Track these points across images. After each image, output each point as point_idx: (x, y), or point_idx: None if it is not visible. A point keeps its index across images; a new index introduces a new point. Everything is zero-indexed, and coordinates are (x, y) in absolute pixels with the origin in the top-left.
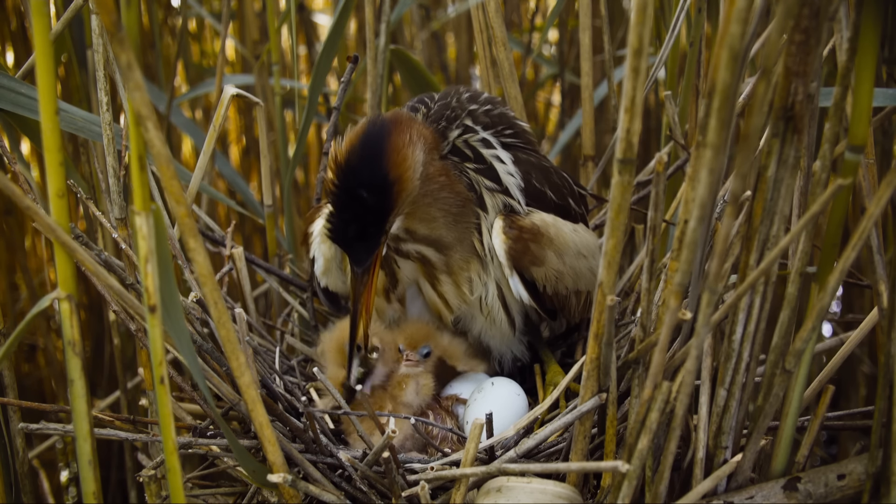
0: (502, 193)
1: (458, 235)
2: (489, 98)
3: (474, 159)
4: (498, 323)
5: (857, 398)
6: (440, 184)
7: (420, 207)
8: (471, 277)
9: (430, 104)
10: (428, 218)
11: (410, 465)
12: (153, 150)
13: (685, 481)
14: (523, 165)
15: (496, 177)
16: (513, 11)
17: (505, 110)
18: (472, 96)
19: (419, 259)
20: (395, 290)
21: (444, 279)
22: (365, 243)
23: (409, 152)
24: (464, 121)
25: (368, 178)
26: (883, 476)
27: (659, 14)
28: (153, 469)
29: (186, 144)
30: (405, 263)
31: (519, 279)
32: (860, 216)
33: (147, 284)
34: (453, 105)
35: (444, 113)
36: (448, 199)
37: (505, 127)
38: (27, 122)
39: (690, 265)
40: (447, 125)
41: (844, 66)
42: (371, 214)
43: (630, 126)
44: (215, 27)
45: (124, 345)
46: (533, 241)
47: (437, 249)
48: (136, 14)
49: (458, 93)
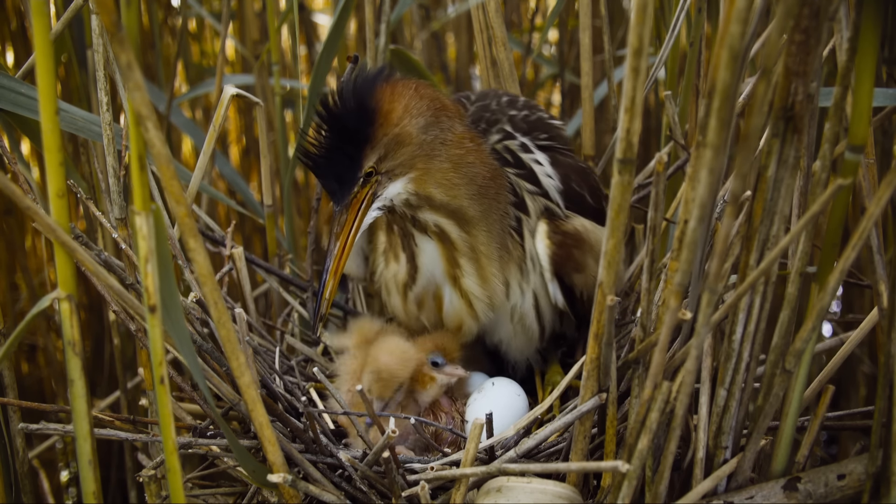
0: (542, 196)
1: (484, 210)
2: (526, 103)
3: (514, 164)
4: (528, 331)
5: (857, 398)
6: (466, 149)
7: (437, 170)
8: (506, 278)
9: (467, 105)
10: (446, 183)
11: (410, 465)
12: (153, 150)
13: (685, 481)
14: (561, 167)
15: (536, 180)
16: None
17: (542, 115)
18: (510, 101)
19: (438, 235)
20: (411, 289)
21: (468, 268)
22: (341, 177)
23: (403, 94)
24: (503, 126)
25: (351, 103)
26: (883, 476)
27: (659, 14)
28: (153, 469)
29: (186, 144)
30: (425, 243)
31: (558, 285)
32: (860, 216)
33: (147, 284)
34: (493, 108)
35: (483, 115)
36: (473, 167)
37: (541, 132)
38: (27, 122)
39: (690, 265)
40: (487, 128)
41: (844, 66)
42: (349, 144)
43: (630, 126)
44: (215, 27)
45: (124, 345)
46: (576, 248)
47: (457, 223)
48: (136, 14)
49: (498, 96)
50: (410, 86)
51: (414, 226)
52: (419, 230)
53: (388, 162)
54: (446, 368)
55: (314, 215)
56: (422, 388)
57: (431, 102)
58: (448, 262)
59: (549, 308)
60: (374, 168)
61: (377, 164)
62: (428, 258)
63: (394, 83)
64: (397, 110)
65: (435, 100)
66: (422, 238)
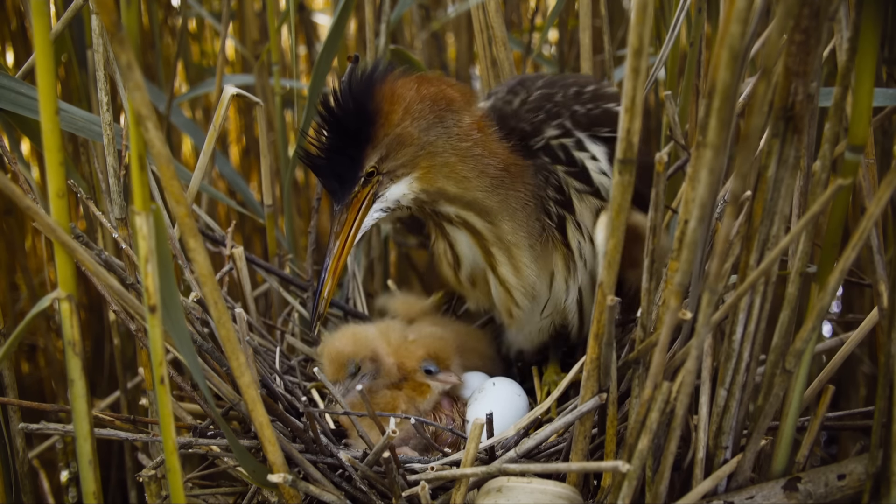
0: (593, 195)
1: (502, 201)
2: (595, 93)
3: (566, 161)
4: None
5: (857, 398)
6: (473, 140)
7: (442, 164)
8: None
9: (531, 89)
10: (455, 175)
11: (410, 465)
12: (153, 150)
13: (685, 481)
14: None
15: (588, 178)
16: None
17: (610, 106)
18: (577, 93)
19: (464, 226)
20: (460, 269)
21: (500, 257)
22: (341, 176)
23: (404, 93)
24: (564, 121)
25: (351, 103)
26: (883, 476)
27: (659, 14)
28: (153, 469)
29: (186, 144)
30: (457, 233)
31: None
32: (860, 216)
33: (147, 284)
34: (557, 100)
35: (544, 105)
36: (482, 158)
37: (605, 126)
38: (27, 122)
39: (690, 265)
40: (545, 119)
41: (844, 66)
42: (349, 143)
43: (630, 126)
44: (215, 27)
45: (124, 345)
46: (633, 243)
47: (479, 215)
48: (136, 14)
49: (566, 86)
50: (412, 84)
51: (441, 217)
52: (447, 221)
53: (390, 162)
54: (440, 376)
55: (314, 215)
56: (420, 396)
57: (434, 99)
58: (483, 251)
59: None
60: (376, 168)
61: (378, 164)
62: (465, 246)
63: (395, 81)
64: (398, 111)
65: (438, 95)
66: (452, 228)
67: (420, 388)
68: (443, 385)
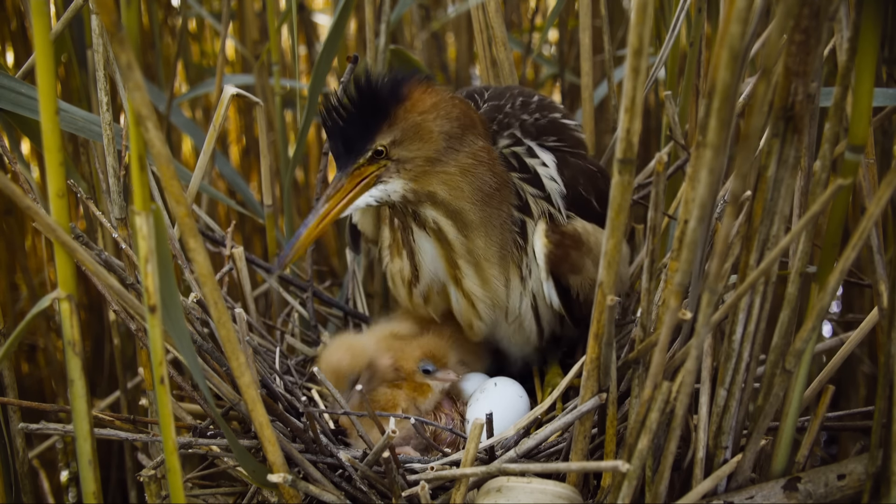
0: (545, 200)
1: (486, 217)
2: (540, 104)
3: (519, 168)
4: (526, 332)
5: (857, 398)
6: (479, 160)
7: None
8: (507, 279)
9: (479, 101)
10: (451, 183)
11: (410, 465)
12: (153, 150)
13: (685, 481)
14: (570, 170)
15: (540, 183)
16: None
17: (555, 117)
18: (524, 103)
19: (436, 233)
20: (417, 283)
21: (467, 270)
22: (350, 141)
23: (437, 94)
24: (514, 131)
25: (381, 85)
26: (883, 476)
27: (659, 14)
28: (153, 469)
29: (186, 144)
30: (423, 241)
31: (553, 285)
32: (860, 216)
33: (147, 284)
34: (506, 111)
35: (495, 116)
36: (482, 176)
37: (551, 135)
38: (27, 122)
39: (690, 265)
40: (497, 130)
41: (844, 66)
42: (370, 111)
43: (630, 126)
44: (215, 27)
45: (124, 345)
46: (574, 248)
47: (455, 224)
48: (136, 14)
49: (513, 97)
50: (447, 93)
51: (414, 220)
52: (418, 226)
53: (401, 149)
54: (438, 374)
55: None
56: (421, 397)
57: (462, 114)
58: (448, 263)
59: (548, 309)
60: (386, 149)
61: (390, 146)
62: (428, 257)
63: (433, 85)
64: (426, 103)
65: (466, 114)
66: (420, 235)
67: (421, 388)
68: (442, 384)
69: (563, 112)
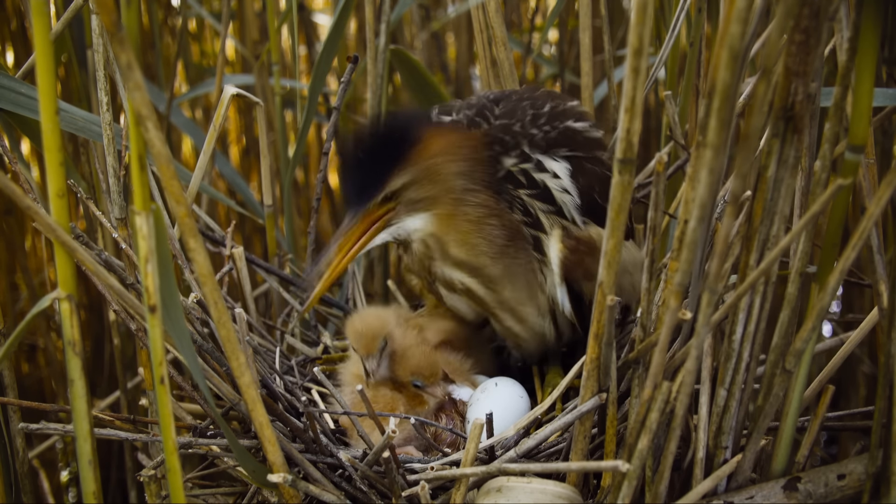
0: (556, 214)
1: (505, 268)
2: (552, 112)
3: (528, 185)
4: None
5: (857, 398)
6: (485, 212)
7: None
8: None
9: (490, 119)
10: (467, 242)
11: (410, 465)
12: (153, 150)
13: (685, 481)
14: (585, 178)
15: (550, 198)
16: (513, 11)
17: (569, 124)
18: (534, 116)
19: (465, 293)
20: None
21: (503, 315)
22: (363, 185)
23: (447, 135)
24: (522, 148)
25: (396, 128)
26: (883, 476)
27: (659, 14)
28: (153, 469)
29: (186, 144)
30: (455, 300)
31: (566, 290)
32: (860, 216)
33: (147, 284)
34: (515, 130)
35: (502, 137)
36: (494, 229)
37: (563, 146)
38: (27, 122)
39: (690, 265)
40: (502, 150)
41: (844, 66)
42: (382, 156)
43: (630, 126)
44: (215, 27)
45: (124, 345)
46: (589, 255)
47: (482, 282)
48: (136, 14)
49: (524, 116)
50: (454, 135)
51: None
52: (448, 289)
53: (413, 192)
54: (427, 389)
55: (314, 215)
56: (419, 406)
57: (472, 155)
58: (484, 310)
59: (562, 315)
60: (397, 192)
61: (402, 189)
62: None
63: (442, 129)
64: (438, 144)
65: (476, 156)
66: (451, 297)
67: (418, 398)
68: (434, 397)
69: (577, 114)
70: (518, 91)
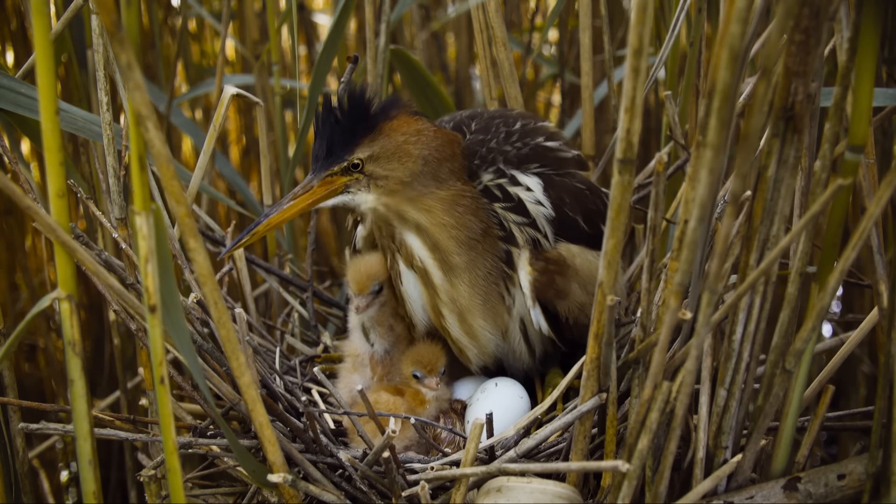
0: (530, 226)
1: (470, 261)
2: (523, 130)
3: (503, 198)
4: (517, 353)
5: (857, 398)
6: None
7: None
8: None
9: (466, 133)
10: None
11: (410, 465)
12: (153, 150)
13: (685, 481)
14: (556, 190)
15: (524, 210)
16: (513, 11)
17: (539, 141)
18: (508, 133)
19: (421, 272)
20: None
21: (451, 320)
22: (331, 148)
23: (422, 123)
24: (498, 164)
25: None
26: (883, 476)
27: (659, 14)
28: (153, 469)
29: (186, 144)
30: (409, 282)
31: (541, 311)
32: (860, 216)
33: (147, 284)
34: (491, 146)
35: (478, 150)
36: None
37: (534, 161)
38: (27, 122)
39: (690, 265)
40: (480, 164)
41: (844, 66)
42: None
43: (630, 126)
44: (215, 27)
45: (124, 345)
46: (558, 274)
47: (441, 265)
48: (136, 14)
49: (497, 132)
50: (432, 126)
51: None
52: (406, 262)
53: (376, 166)
54: (425, 381)
55: (314, 215)
56: (421, 407)
57: (444, 148)
58: (434, 313)
59: (537, 333)
60: (362, 162)
61: (367, 160)
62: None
63: (416, 116)
64: (410, 126)
65: (449, 151)
66: (407, 276)
67: (419, 398)
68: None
69: (548, 133)
70: (490, 111)
